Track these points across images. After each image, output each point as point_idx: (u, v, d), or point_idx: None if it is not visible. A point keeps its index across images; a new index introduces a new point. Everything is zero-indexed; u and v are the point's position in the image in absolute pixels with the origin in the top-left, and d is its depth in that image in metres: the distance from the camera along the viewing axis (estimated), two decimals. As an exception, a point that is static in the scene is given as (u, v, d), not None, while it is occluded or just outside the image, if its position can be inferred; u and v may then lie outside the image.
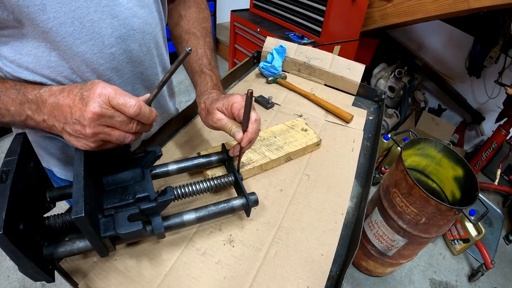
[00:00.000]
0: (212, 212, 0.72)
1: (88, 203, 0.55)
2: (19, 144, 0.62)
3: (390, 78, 3.12)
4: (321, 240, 0.79)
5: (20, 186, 0.57)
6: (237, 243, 0.76)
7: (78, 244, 0.62)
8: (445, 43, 3.11)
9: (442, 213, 1.40)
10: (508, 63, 2.70)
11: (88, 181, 0.60)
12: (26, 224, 0.55)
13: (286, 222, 0.82)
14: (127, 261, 0.70)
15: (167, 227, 0.68)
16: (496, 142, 2.58)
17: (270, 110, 1.20)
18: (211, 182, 0.77)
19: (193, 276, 0.69)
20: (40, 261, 0.58)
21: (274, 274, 0.71)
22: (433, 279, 2.23)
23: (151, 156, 0.74)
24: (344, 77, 1.33)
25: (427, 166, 1.79)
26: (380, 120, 1.20)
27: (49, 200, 0.69)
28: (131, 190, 0.68)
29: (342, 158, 1.03)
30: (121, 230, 0.60)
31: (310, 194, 0.90)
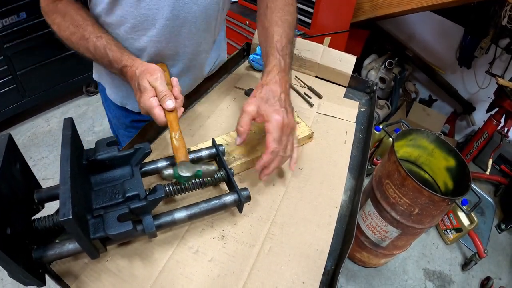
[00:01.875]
0: (203, 209, 0.71)
1: (76, 204, 0.53)
2: (4, 145, 0.60)
3: (380, 69, 3.12)
4: (315, 234, 0.78)
5: (6, 188, 0.55)
6: (230, 240, 0.75)
7: (67, 246, 0.61)
8: (435, 34, 3.11)
9: (435, 203, 1.41)
10: (499, 54, 2.71)
11: (76, 181, 0.58)
12: (14, 228, 0.54)
13: (279, 217, 0.81)
14: (119, 261, 0.69)
15: (158, 226, 0.67)
16: (487, 132, 2.59)
17: None
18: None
19: (186, 275, 0.68)
20: (30, 265, 0.56)
21: (268, 271, 0.70)
22: (427, 269, 2.25)
23: (140, 153, 0.72)
24: (335, 69, 1.31)
25: (419, 157, 1.79)
26: (372, 112, 1.19)
27: (37, 201, 0.67)
28: (120, 188, 0.67)
29: (335, 151, 1.02)
30: (111, 231, 0.58)
31: (303, 188, 0.89)
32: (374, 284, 2.11)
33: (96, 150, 0.71)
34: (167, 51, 0.99)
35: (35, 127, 2.96)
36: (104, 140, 0.74)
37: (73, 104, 3.22)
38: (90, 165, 0.69)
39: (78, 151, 0.68)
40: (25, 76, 2.65)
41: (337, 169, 0.96)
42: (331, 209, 0.84)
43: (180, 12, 0.91)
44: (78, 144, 0.70)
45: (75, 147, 0.65)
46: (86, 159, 0.69)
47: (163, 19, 0.90)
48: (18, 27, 2.43)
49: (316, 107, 1.20)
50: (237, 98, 1.19)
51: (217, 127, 1.05)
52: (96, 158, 0.69)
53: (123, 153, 0.71)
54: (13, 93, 2.65)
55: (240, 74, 1.34)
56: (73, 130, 0.68)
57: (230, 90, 1.23)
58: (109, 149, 0.71)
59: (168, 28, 0.93)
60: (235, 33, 2.73)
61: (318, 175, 0.93)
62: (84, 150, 0.72)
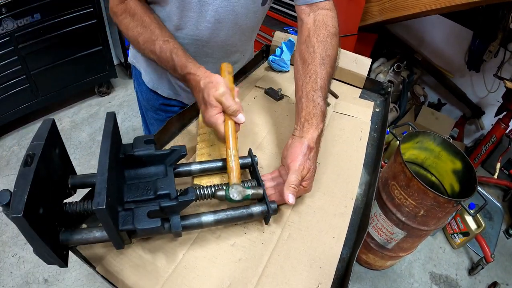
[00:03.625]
0: (230, 216, 0.72)
1: (110, 195, 0.56)
2: (47, 129, 0.63)
3: (389, 73, 3.12)
4: (332, 223, 0.81)
5: (44, 171, 0.58)
6: (252, 226, 0.79)
7: (95, 233, 0.64)
8: (444, 37, 3.10)
9: (440, 205, 1.41)
10: (508, 57, 2.69)
11: (112, 173, 0.61)
12: (46, 209, 0.57)
13: (298, 206, 0.85)
14: (144, 244, 0.72)
15: (185, 226, 0.69)
16: (496, 136, 2.57)
17: (279, 101, 1.22)
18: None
19: (209, 258, 0.71)
20: (56, 246, 0.59)
21: (287, 256, 0.74)
22: (433, 273, 2.24)
23: (176, 155, 0.75)
24: (351, 71, 1.35)
25: (426, 159, 1.79)
26: (386, 112, 1.23)
27: (70, 186, 0.70)
28: (152, 186, 0.70)
29: (350, 147, 1.05)
30: (140, 225, 0.61)
31: (321, 180, 0.92)
32: (380, 287, 2.10)
33: (134, 146, 0.74)
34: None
35: (47, 127, 3.00)
36: (142, 137, 0.76)
37: (85, 104, 3.26)
38: (126, 160, 0.72)
39: (116, 144, 0.70)
40: (38, 76, 2.69)
41: (352, 164, 0.99)
42: (347, 200, 0.88)
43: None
44: (118, 138, 0.73)
45: (114, 141, 0.68)
46: (123, 153, 0.72)
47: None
48: (32, 28, 2.46)
49: (333, 106, 1.23)
50: (257, 97, 1.23)
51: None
52: (133, 153, 0.72)
53: (160, 152, 0.74)
54: (26, 92, 2.69)
55: (260, 74, 1.38)
56: (115, 124, 0.71)
57: (251, 89, 1.27)
58: (147, 147, 0.73)
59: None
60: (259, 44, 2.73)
61: (334, 168, 0.97)
62: (122, 144, 0.75)
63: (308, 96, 0.85)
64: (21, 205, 0.49)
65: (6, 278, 1.95)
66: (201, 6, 0.94)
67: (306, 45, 0.92)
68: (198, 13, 0.96)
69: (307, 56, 0.90)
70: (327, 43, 0.91)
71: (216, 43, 1.06)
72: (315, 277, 0.70)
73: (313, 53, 0.89)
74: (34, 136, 0.62)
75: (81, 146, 2.84)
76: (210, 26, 0.99)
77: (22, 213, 0.48)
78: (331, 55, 0.91)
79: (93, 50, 2.92)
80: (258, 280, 0.68)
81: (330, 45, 0.91)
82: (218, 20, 0.98)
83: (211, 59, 1.10)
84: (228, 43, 1.08)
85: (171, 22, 0.99)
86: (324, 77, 0.87)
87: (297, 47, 0.97)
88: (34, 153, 0.58)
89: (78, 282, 1.96)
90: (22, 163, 0.56)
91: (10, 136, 2.85)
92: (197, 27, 0.99)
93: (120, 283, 0.66)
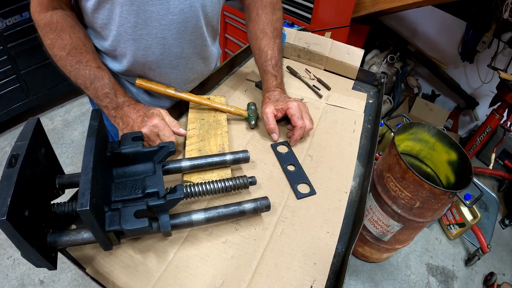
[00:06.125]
0: (222, 214, 0.71)
1: (95, 196, 0.54)
2: (32, 129, 0.61)
3: (382, 64, 3.11)
4: (326, 218, 0.80)
5: (29, 171, 0.57)
6: (243, 223, 0.77)
7: (83, 234, 0.62)
8: (437, 28, 3.09)
9: (436, 197, 1.40)
10: (501, 48, 2.69)
11: (98, 172, 0.59)
12: (32, 211, 0.55)
13: (290, 201, 0.83)
14: (134, 244, 0.71)
15: (174, 225, 0.67)
16: (490, 127, 2.57)
17: None
18: (225, 183, 0.76)
19: (200, 256, 0.70)
20: (43, 248, 0.57)
21: (281, 252, 0.72)
22: (430, 264, 2.24)
23: (164, 151, 0.73)
24: (343, 62, 1.34)
25: (421, 150, 1.78)
26: (380, 103, 1.21)
27: (58, 186, 0.69)
28: (141, 184, 0.68)
29: (344, 139, 1.04)
30: (127, 225, 0.59)
31: (314, 174, 0.91)
32: (377, 279, 2.10)
33: (121, 143, 0.72)
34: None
35: (39, 126, 2.97)
36: (130, 134, 0.75)
37: (77, 103, 3.23)
38: (114, 158, 0.70)
39: (103, 142, 0.69)
40: (28, 75, 2.67)
41: (346, 156, 0.98)
42: (341, 194, 0.86)
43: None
44: (103, 135, 0.71)
45: (100, 139, 0.66)
46: (110, 151, 0.70)
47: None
48: (21, 26, 2.44)
49: (325, 98, 1.22)
50: (248, 90, 1.23)
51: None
52: (120, 151, 0.70)
53: (147, 149, 0.72)
54: (17, 92, 2.67)
55: (250, 67, 1.37)
56: (100, 121, 0.69)
57: (241, 83, 1.26)
58: (134, 144, 0.72)
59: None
60: (237, 30, 2.72)
61: (328, 162, 0.96)
62: (109, 142, 0.73)
63: (267, 71, 1.06)
64: (5, 208, 0.47)
65: (2, 280, 1.92)
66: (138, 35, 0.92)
67: (256, 23, 1.09)
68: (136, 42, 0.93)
69: (258, 33, 1.08)
70: (273, 18, 1.10)
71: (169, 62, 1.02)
72: (309, 273, 0.69)
73: (263, 30, 1.08)
74: (18, 136, 0.60)
75: (74, 145, 2.81)
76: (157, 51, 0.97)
77: (5, 216, 0.46)
78: (278, 28, 1.11)
79: (83, 47, 2.87)
80: (252, 278, 0.67)
81: (277, 19, 1.11)
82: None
83: (175, 71, 1.06)
84: (182, 57, 1.03)
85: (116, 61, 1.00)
86: (273, 48, 1.07)
87: (248, 24, 1.15)
88: (18, 153, 0.56)
89: (74, 283, 1.94)
90: (6, 164, 0.54)
91: (2, 137, 2.82)
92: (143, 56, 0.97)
93: (111, 284, 0.65)
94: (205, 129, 0.96)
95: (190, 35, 0.98)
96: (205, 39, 1.04)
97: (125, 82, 1.07)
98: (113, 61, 1.00)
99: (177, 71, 1.04)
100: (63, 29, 0.85)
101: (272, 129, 0.97)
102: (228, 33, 2.87)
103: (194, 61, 1.07)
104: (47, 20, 0.85)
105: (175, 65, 1.02)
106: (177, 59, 1.00)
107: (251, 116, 1.03)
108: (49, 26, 0.85)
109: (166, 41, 0.94)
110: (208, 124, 0.98)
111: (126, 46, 0.93)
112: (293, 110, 0.96)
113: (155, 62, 0.98)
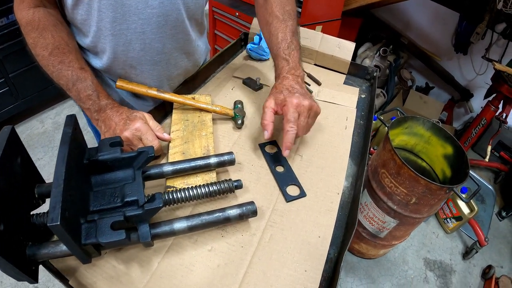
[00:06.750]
0: (205, 221, 0.67)
1: (68, 208, 0.51)
2: (5, 138, 0.57)
3: (375, 57, 3.08)
4: (317, 221, 0.77)
5: (3, 183, 0.53)
6: (230, 229, 0.73)
7: (61, 247, 0.59)
8: (430, 20, 3.07)
9: (432, 192, 1.38)
10: (495, 39, 2.67)
11: (72, 182, 0.55)
12: (8, 224, 0.52)
13: (279, 204, 0.80)
14: (117, 253, 0.68)
15: (155, 235, 0.64)
16: (486, 119, 2.55)
17: (259, 91, 1.17)
18: (208, 188, 0.73)
19: (185, 266, 0.67)
20: (22, 262, 0.54)
21: (269, 259, 0.69)
22: (427, 259, 2.22)
23: (143, 157, 0.69)
24: (334, 56, 1.30)
25: (416, 145, 1.76)
26: (373, 98, 1.18)
27: (38, 196, 0.65)
28: (120, 192, 0.64)
29: (335, 137, 1.01)
30: (103, 238, 0.56)
31: (304, 175, 0.87)
32: (374, 276, 2.08)
33: (99, 149, 0.68)
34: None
35: (30, 129, 2.94)
36: (108, 140, 0.71)
37: (67, 104, 3.19)
38: (92, 165, 0.67)
39: (79, 149, 0.65)
40: (17, 78, 2.63)
41: (338, 155, 0.95)
42: (333, 195, 0.83)
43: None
44: (80, 142, 0.67)
45: (75, 146, 0.62)
46: (87, 159, 0.66)
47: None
48: (8, 29, 2.40)
49: (316, 94, 1.18)
50: (235, 87, 1.18)
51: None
52: (97, 158, 0.66)
53: (126, 155, 0.68)
54: (6, 96, 2.63)
55: (238, 64, 1.33)
56: (75, 127, 0.65)
57: (228, 80, 1.22)
58: (112, 150, 0.68)
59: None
60: (226, 26, 2.69)
61: (319, 161, 0.92)
62: (87, 148, 0.69)
63: (278, 55, 0.95)
64: None
65: (-4, 286, 1.90)
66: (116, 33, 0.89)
67: (265, 8, 1.00)
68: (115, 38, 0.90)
69: (268, 17, 0.99)
70: (283, 1, 0.99)
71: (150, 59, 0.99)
72: (300, 281, 0.65)
73: (272, 13, 0.98)
74: (-9, 146, 0.56)
75: (65, 148, 2.76)
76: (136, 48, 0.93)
77: None
78: (289, 10, 0.99)
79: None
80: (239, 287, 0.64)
81: (286, 1, 1.00)
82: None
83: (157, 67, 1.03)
84: (164, 52, 1.00)
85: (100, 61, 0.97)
86: (284, 30, 0.95)
87: (257, 12, 1.06)
88: None
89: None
90: None
91: (-8, 142, 2.76)
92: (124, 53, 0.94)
93: (94, 296, 0.62)
94: (189, 131, 0.92)
95: (171, 29, 0.94)
96: (188, 33, 1.00)
97: (108, 80, 1.04)
98: (95, 58, 0.97)
99: (159, 67, 1.00)
100: (45, 28, 0.82)
101: (264, 126, 0.84)
102: (217, 29, 2.84)
103: (177, 56, 1.03)
104: (29, 18, 0.82)
105: (156, 61, 0.98)
106: (158, 54, 0.97)
107: (238, 115, 0.99)
108: (31, 25, 0.82)
109: (146, 36, 0.90)
110: (193, 125, 0.94)
111: (106, 42, 0.90)
112: (287, 108, 0.82)
113: (136, 58, 0.94)
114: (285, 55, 0.93)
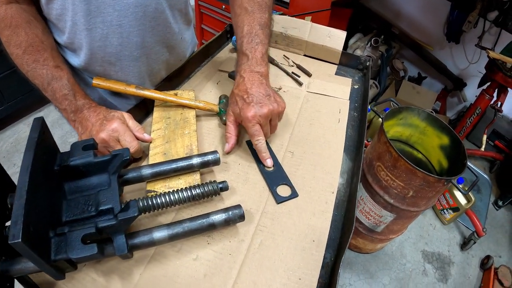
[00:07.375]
0: (187, 229, 0.62)
1: (33, 222, 0.46)
2: None
3: (366, 48, 3.04)
4: (311, 224, 0.71)
5: None
6: (216, 235, 0.68)
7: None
8: (421, 10, 3.02)
9: (430, 184, 1.34)
10: (488, 27, 2.64)
11: (39, 193, 0.50)
12: None
13: (269, 206, 0.74)
14: (97, 265, 0.62)
15: (133, 246, 0.58)
16: (480, 108, 2.52)
17: None
18: (191, 191, 0.67)
19: (169, 277, 0.61)
20: None
21: (260, 267, 0.63)
22: (425, 251, 2.20)
23: (118, 161, 0.63)
24: (324, 46, 1.24)
25: (411, 136, 1.72)
26: (366, 88, 1.12)
27: (11, 207, 0.59)
28: (94, 200, 0.58)
29: (328, 131, 0.95)
30: (73, 254, 0.50)
31: (295, 173, 0.82)
32: (372, 270, 2.05)
33: (71, 154, 0.62)
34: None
35: (17, 133, 2.89)
36: (81, 142, 0.65)
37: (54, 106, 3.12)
38: (64, 171, 0.61)
39: (48, 155, 0.59)
40: (2, 82, 2.58)
41: (332, 150, 0.89)
42: (327, 194, 0.78)
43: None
44: (49, 147, 0.62)
45: (44, 151, 0.57)
46: (58, 165, 0.61)
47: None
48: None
49: (306, 86, 1.13)
50: (220, 81, 1.12)
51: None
52: (68, 164, 0.61)
53: (99, 159, 0.63)
54: (-9, 100, 2.56)
55: (224, 57, 1.27)
56: (42, 131, 0.59)
57: (214, 74, 1.16)
58: (84, 154, 0.62)
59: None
60: (213, 19, 2.64)
61: (311, 158, 0.86)
62: (59, 153, 0.64)
63: (239, 50, 0.90)
64: None
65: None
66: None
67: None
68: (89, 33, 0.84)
69: (237, 9, 0.93)
70: None
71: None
72: (294, 290, 0.60)
73: (241, 5, 0.92)
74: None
75: (52, 150, 2.71)
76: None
77: None
78: (260, 1, 0.92)
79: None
80: (228, 299, 0.59)
81: None
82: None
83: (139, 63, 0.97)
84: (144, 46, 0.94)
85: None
86: (251, 23, 0.89)
87: (230, 3, 0.99)
88: None
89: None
90: None
91: (-21, 148, 2.70)
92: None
93: (73, 311, 0.57)
94: (171, 129, 0.86)
95: (151, 21, 0.88)
96: (169, 25, 0.95)
97: (88, 79, 0.98)
98: (72, 55, 0.92)
99: (139, 63, 0.95)
100: (18, 25, 0.78)
101: (226, 138, 0.84)
102: (204, 23, 2.78)
103: (158, 50, 0.97)
104: (1, 16, 0.78)
105: (136, 56, 0.92)
106: (138, 49, 0.91)
107: (223, 111, 0.93)
108: (3, 22, 0.78)
109: (124, 29, 0.85)
110: (175, 123, 0.88)
111: (82, 37, 0.84)
112: (246, 123, 0.80)
113: (114, 54, 0.89)
114: (245, 50, 0.87)
